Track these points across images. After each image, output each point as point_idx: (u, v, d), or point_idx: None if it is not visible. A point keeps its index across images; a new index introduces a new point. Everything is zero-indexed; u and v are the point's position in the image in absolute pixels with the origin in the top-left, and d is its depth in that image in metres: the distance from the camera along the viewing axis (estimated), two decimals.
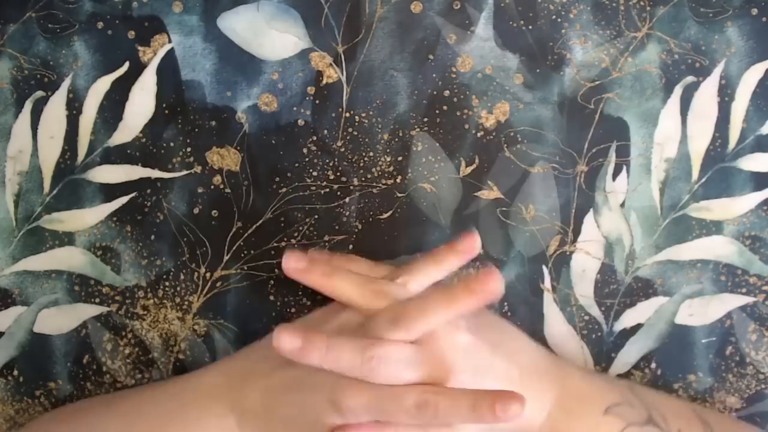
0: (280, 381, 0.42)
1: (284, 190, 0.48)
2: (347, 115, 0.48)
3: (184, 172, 0.48)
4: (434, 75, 0.48)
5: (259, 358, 0.44)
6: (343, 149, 0.48)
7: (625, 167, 0.49)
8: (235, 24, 0.48)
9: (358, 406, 0.39)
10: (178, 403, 0.43)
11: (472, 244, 0.44)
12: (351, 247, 0.49)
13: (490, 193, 0.49)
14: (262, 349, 0.45)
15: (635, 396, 0.45)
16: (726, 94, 0.48)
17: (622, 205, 0.49)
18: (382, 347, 0.40)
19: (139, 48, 0.48)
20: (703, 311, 0.49)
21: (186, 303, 0.49)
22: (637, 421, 0.43)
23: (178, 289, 0.49)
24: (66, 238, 0.48)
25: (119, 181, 0.48)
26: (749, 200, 0.49)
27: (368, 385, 0.39)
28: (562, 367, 0.46)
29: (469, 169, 0.49)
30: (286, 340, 0.38)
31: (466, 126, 0.48)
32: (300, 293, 0.49)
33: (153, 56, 0.48)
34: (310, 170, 0.48)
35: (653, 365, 0.50)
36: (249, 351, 0.45)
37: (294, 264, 0.42)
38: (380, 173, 0.49)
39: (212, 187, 0.48)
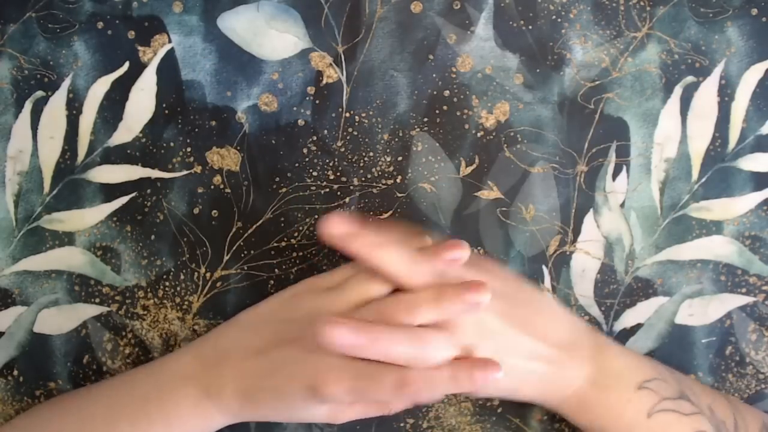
0: (254, 368, 0.42)
1: (284, 190, 0.48)
2: (347, 115, 0.48)
3: (184, 172, 0.48)
4: (434, 75, 0.48)
5: (233, 341, 0.44)
6: (343, 149, 0.48)
7: (625, 167, 0.49)
8: (235, 24, 0.48)
9: (339, 391, 0.40)
10: (154, 386, 0.43)
11: (460, 251, 0.42)
12: None
13: (490, 193, 0.49)
14: (234, 331, 0.45)
15: (668, 371, 0.46)
16: (726, 94, 0.48)
17: (622, 205, 0.49)
18: (430, 335, 0.40)
19: (139, 48, 0.48)
20: (703, 311, 0.49)
21: (186, 303, 0.49)
22: (670, 395, 0.44)
23: (178, 289, 0.49)
24: (66, 238, 0.48)
25: (119, 181, 0.48)
26: (749, 200, 0.49)
27: (347, 368, 0.39)
28: (599, 343, 0.46)
29: (469, 169, 0.49)
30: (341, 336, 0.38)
31: (466, 126, 0.48)
32: None
33: (153, 56, 0.48)
34: (310, 170, 0.48)
35: None
36: (221, 331, 0.45)
37: (339, 229, 0.40)
38: (380, 173, 0.48)
39: (212, 187, 0.48)
